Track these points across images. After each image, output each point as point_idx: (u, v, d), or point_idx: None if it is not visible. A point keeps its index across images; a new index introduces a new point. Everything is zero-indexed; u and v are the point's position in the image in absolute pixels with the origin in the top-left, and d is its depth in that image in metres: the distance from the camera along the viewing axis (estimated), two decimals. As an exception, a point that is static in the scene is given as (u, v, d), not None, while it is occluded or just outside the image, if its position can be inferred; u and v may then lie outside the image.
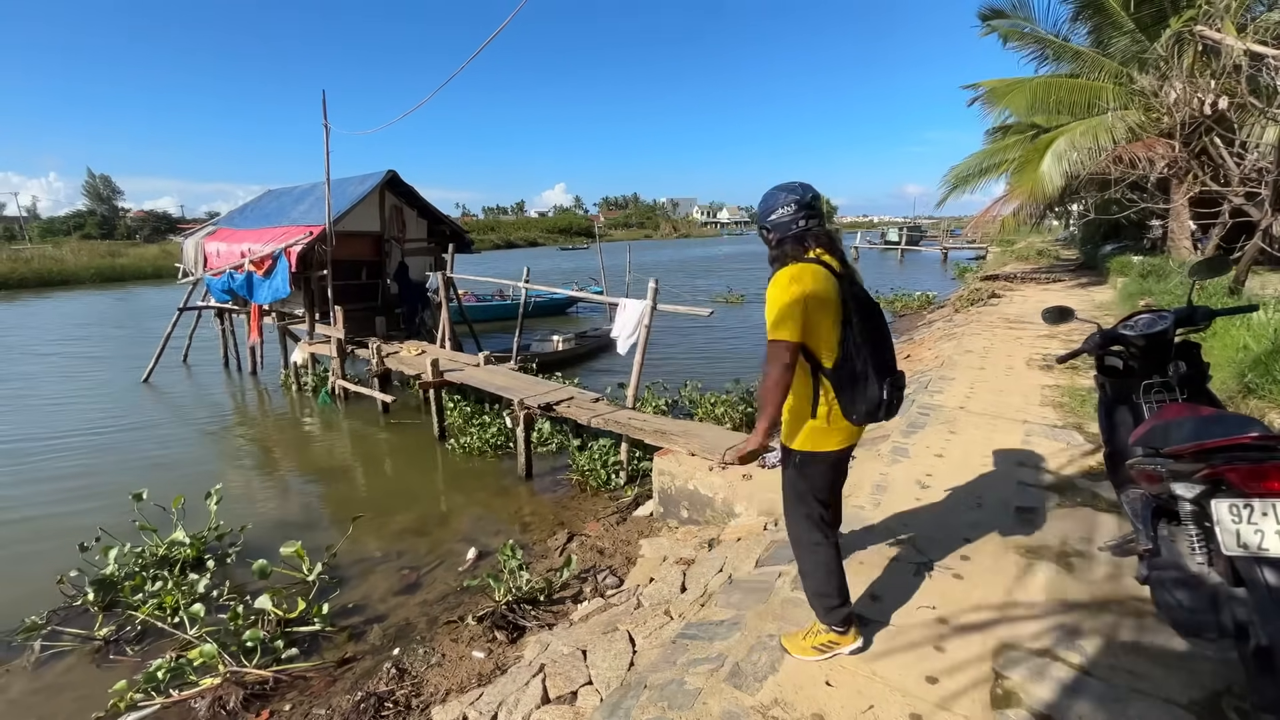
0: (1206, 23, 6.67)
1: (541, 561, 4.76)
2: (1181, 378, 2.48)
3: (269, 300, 10.03)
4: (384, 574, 4.79)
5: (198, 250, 12.07)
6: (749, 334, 15.36)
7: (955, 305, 13.92)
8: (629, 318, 5.68)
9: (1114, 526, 3.12)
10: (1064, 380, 5.98)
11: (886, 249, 45.90)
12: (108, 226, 56.64)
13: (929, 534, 3.19)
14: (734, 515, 4.15)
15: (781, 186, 2.27)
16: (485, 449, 7.16)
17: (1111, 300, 10.76)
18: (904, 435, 4.75)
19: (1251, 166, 7.35)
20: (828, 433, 2.19)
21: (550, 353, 11.79)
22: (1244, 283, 6.83)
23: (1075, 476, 3.79)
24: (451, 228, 12.33)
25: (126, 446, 8.03)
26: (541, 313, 17.08)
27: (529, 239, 74.34)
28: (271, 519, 5.86)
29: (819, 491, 2.28)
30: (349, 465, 7.52)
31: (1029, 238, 30.23)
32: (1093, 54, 11.64)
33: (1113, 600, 2.56)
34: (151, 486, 5.48)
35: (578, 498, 5.95)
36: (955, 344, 8.44)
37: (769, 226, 2.26)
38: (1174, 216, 10.73)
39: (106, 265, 35.23)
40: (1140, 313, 2.68)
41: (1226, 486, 1.80)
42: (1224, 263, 2.84)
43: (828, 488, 2.31)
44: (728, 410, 7.30)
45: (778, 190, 2.27)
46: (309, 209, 10.53)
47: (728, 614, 2.82)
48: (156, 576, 4.46)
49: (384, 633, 4.03)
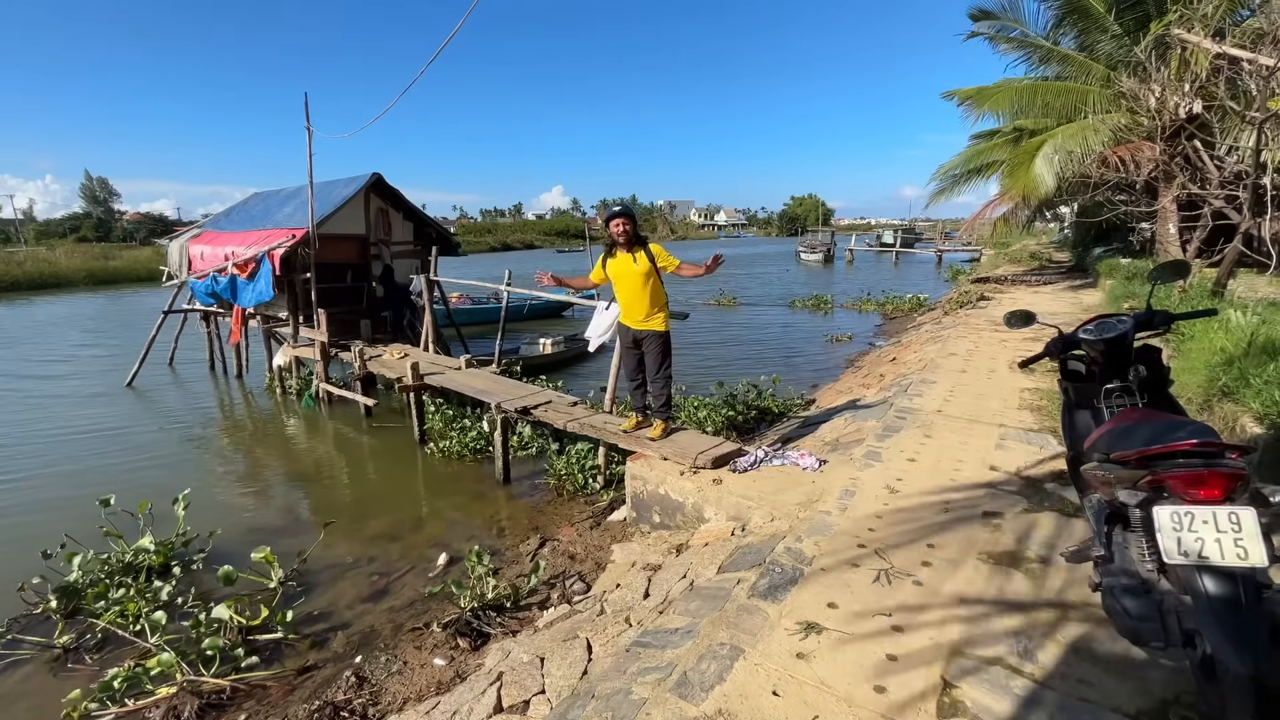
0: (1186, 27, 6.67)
1: (512, 567, 4.71)
2: (1142, 382, 2.45)
3: (252, 303, 9.98)
4: (353, 580, 4.73)
5: (182, 253, 12.00)
6: (741, 336, 15.35)
7: (945, 308, 13.93)
8: (605, 319, 5.65)
9: (1079, 532, 3.08)
10: (1043, 383, 5.95)
11: (882, 251, 45.98)
12: (104, 229, 56.55)
13: (893, 540, 3.15)
14: (703, 520, 4.11)
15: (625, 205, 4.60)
16: (465, 453, 7.11)
17: (1099, 303, 10.76)
18: (879, 439, 4.72)
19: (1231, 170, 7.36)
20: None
21: (536, 356, 11.74)
22: (1225, 286, 6.82)
23: (1044, 481, 3.77)
24: (437, 230, 12.29)
25: (103, 451, 7.95)
26: (538, 315, 17.02)
27: (526, 241, 74.44)
28: (245, 524, 5.80)
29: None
30: (329, 469, 7.46)
31: (1022, 240, 30.32)
32: (1080, 57, 11.67)
33: (1069, 607, 2.52)
34: (126, 492, 5.43)
35: (554, 502, 5.90)
36: (940, 347, 8.42)
37: (638, 221, 4.68)
38: (1161, 219, 10.75)
39: (99, 268, 35.15)
40: (1101, 316, 2.65)
41: (1169, 493, 1.77)
42: (1184, 266, 2.82)
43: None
44: (710, 414, 7.26)
45: (628, 206, 4.63)
46: (293, 212, 10.47)
47: (683, 621, 2.77)
48: (120, 584, 4.40)
49: (347, 640, 3.97)
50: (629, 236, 4.50)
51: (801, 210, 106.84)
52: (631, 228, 4.51)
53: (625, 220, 4.48)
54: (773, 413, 7.93)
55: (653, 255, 4.51)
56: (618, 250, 4.54)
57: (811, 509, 3.60)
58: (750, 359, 12.37)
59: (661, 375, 4.72)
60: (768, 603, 2.68)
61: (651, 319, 4.63)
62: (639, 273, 4.49)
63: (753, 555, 3.21)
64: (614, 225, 4.49)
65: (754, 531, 3.60)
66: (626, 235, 4.49)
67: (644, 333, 4.68)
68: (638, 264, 4.49)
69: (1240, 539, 1.61)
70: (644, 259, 4.49)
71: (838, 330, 15.36)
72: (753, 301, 22.01)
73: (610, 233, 4.54)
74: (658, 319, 4.64)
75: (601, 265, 4.69)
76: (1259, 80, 5.78)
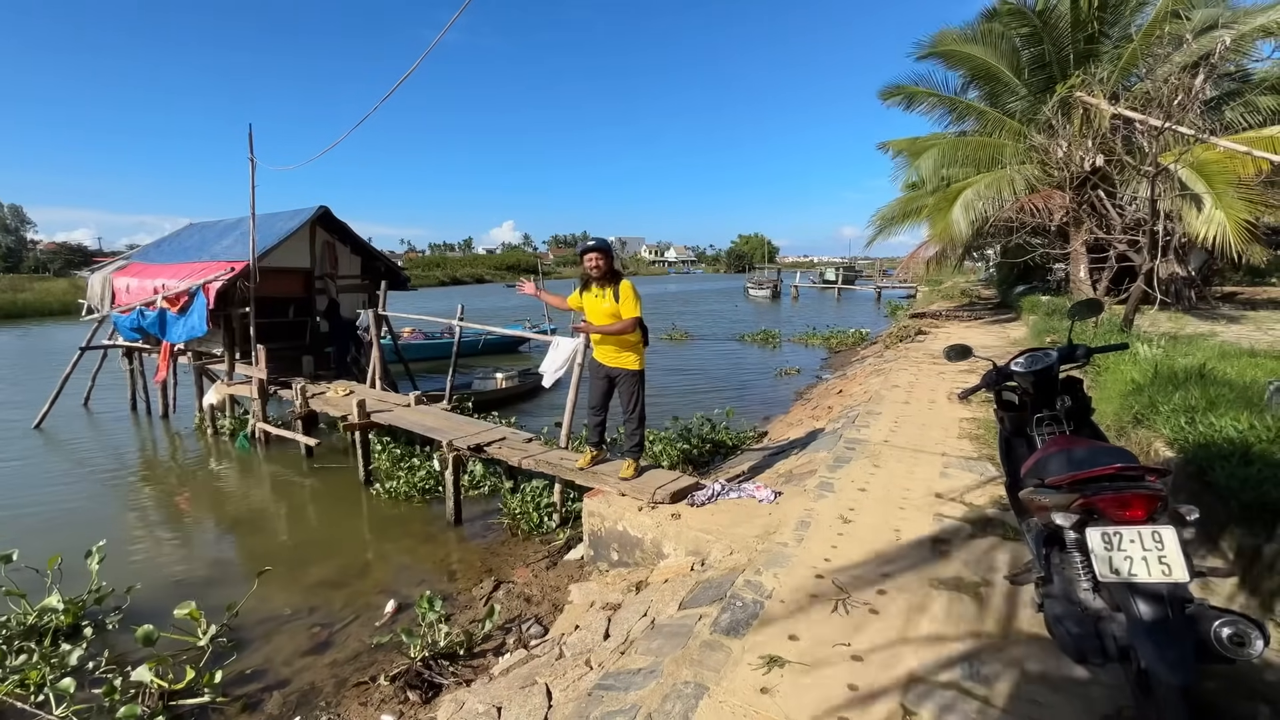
0: (1087, 90, 7.44)
1: (465, 612, 4.52)
2: (1068, 411, 2.64)
3: (184, 339, 9.43)
4: (291, 633, 4.42)
5: (105, 285, 11.27)
6: (693, 370, 15.56)
7: (886, 342, 14.58)
8: (560, 354, 5.64)
9: (1021, 555, 3.23)
10: (980, 413, 6.28)
11: (825, 288, 47.97)
12: (14, 259, 52.57)
13: (848, 569, 3.22)
14: (663, 556, 4.08)
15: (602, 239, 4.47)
16: (413, 493, 6.84)
17: (1025, 337, 11.51)
18: (830, 470, 4.84)
19: (1132, 217, 8.15)
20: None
21: (489, 391, 11.53)
22: (1133, 321, 7.46)
23: (986, 507, 3.94)
24: (386, 264, 12.05)
25: (4, 500, 7.23)
26: (493, 350, 16.76)
27: (476, 275, 73.67)
28: (168, 577, 5.36)
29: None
30: (265, 514, 7.01)
31: (953, 278, 32.27)
32: (994, 113, 12.78)
33: (1017, 629, 2.63)
34: (31, 545, 4.93)
35: (509, 542, 5.73)
36: (883, 379, 8.78)
37: (614, 256, 4.55)
38: (1073, 261, 11.71)
39: (6, 300, 32.54)
40: (1030, 350, 2.84)
41: (1099, 515, 1.90)
42: (1098, 304, 3.08)
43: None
44: (666, 448, 7.28)
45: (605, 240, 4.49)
46: (233, 244, 10.07)
47: (646, 661, 2.73)
48: (21, 649, 3.96)
49: (284, 700, 3.69)
50: (602, 272, 4.39)
51: (748, 248, 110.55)
52: (605, 263, 4.39)
53: (600, 255, 4.37)
54: (727, 445, 8.03)
55: (619, 296, 4.39)
56: (592, 285, 4.46)
57: (769, 541, 3.64)
58: (703, 392, 12.53)
59: (635, 415, 4.65)
60: (730, 638, 2.68)
61: (624, 357, 4.55)
62: (608, 310, 4.41)
63: (713, 590, 3.21)
64: (587, 260, 4.39)
65: (714, 566, 3.60)
66: (600, 270, 4.38)
67: (617, 370, 4.60)
68: (607, 302, 4.40)
69: (1164, 556, 1.74)
70: (611, 297, 4.39)
71: (786, 364, 15.80)
72: (704, 336, 22.42)
73: (584, 267, 4.44)
74: (629, 357, 4.56)
75: (579, 293, 4.62)
76: (1149, 138, 6.49)
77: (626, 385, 4.61)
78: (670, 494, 4.42)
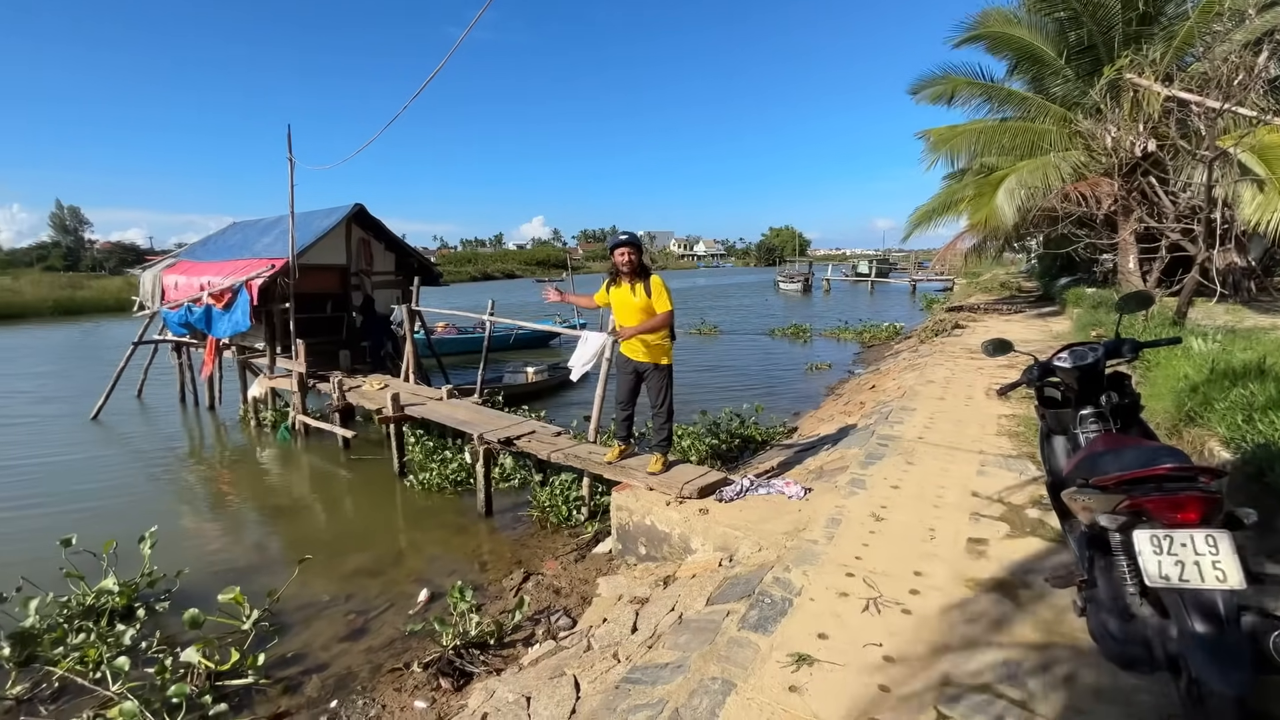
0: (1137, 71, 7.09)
1: (495, 603, 4.59)
2: (1115, 408, 2.52)
3: (228, 334, 9.79)
4: (329, 619, 4.56)
5: (155, 283, 11.79)
6: (722, 365, 15.45)
7: (921, 336, 14.23)
8: (588, 349, 5.66)
9: (1062, 557, 3.12)
10: (1020, 410, 6.08)
11: (857, 281, 47.00)
12: (73, 258, 55.33)
13: (881, 568, 3.16)
14: (690, 551, 4.07)
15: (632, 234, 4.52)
16: (446, 485, 6.98)
17: (1068, 330, 11.10)
18: (862, 467, 4.75)
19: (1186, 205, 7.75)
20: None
21: (519, 385, 11.66)
22: (1186, 314, 7.10)
23: (1025, 507, 3.82)
24: (419, 260, 12.28)
25: (66, 487, 7.63)
26: (524, 345, 16.95)
27: (506, 271, 74.52)
28: (215, 563, 5.58)
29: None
30: (304, 503, 7.25)
31: (992, 270, 31.31)
32: (1038, 99, 12.28)
33: (1056, 633, 2.54)
34: (88, 530, 5.19)
35: (538, 535, 5.80)
36: (918, 375, 8.58)
37: (642, 250, 4.53)
38: (1121, 251, 11.20)
39: (66, 298, 34.24)
40: (1074, 345, 2.73)
41: (1147, 517, 1.82)
42: (1148, 297, 2.94)
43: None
44: (694, 443, 7.26)
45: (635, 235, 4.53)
46: (273, 241, 10.39)
47: (673, 656, 2.72)
48: (80, 628, 4.17)
49: (323, 683, 3.81)
50: (633, 266, 4.36)
51: (779, 241, 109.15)
52: (636, 257, 4.36)
53: (631, 249, 4.34)
54: (756, 441, 7.96)
55: (650, 291, 4.35)
56: (622, 279, 4.43)
57: (798, 538, 3.59)
58: (732, 387, 12.43)
59: (664, 409, 4.62)
60: (758, 635, 2.66)
61: (651, 352, 4.51)
62: (638, 305, 4.37)
63: (741, 586, 3.18)
64: (618, 254, 4.36)
65: (742, 562, 3.58)
66: (631, 265, 4.35)
67: (646, 365, 4.57)
68: (637, 297, 4.37)
69: (1218, 561, 1.65)
70: (643, 292, 4.35)
71: (817, 358, 15.56)
72: (733, 331, 22.24)
73: (614, 261, 4.41)
74: (658, 352, 4.51)
75: (605, 289, 4.61)
76: (1206, 121, 6.15)
77: (655, 380, 4.59)
78: (698, 489, 4.40)
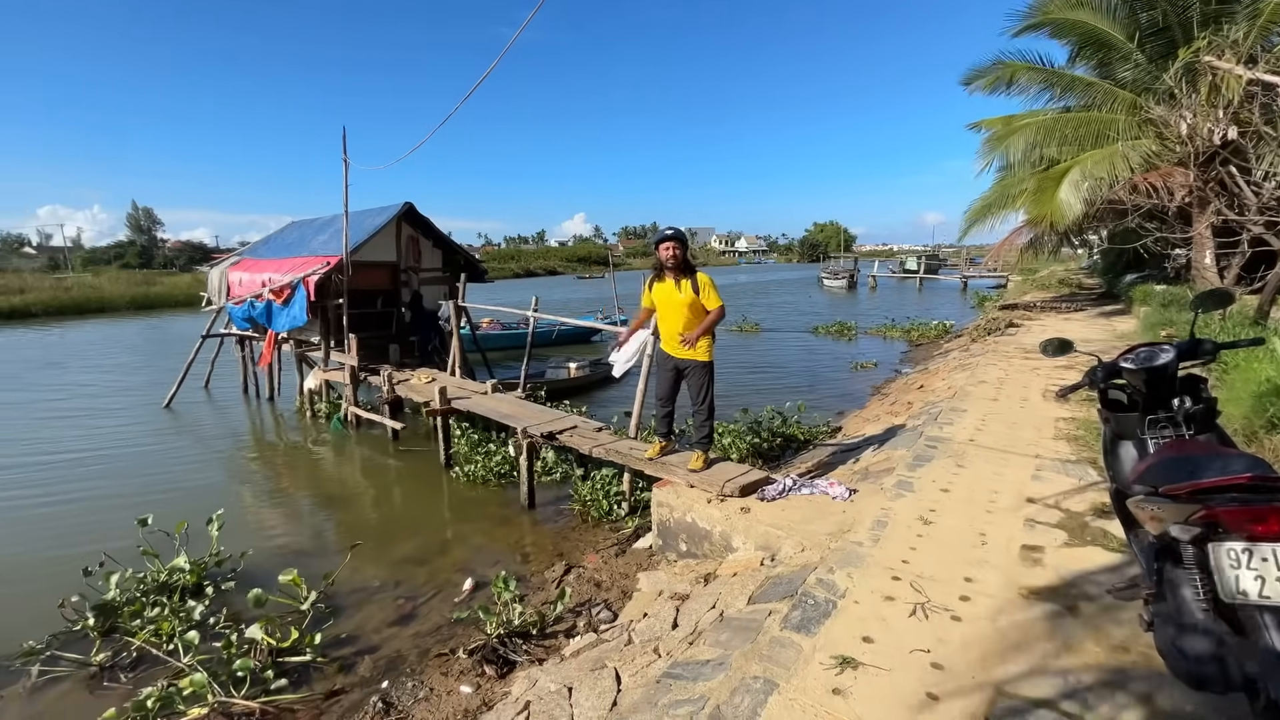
0: (1216, 53, 6.62)
1: (538, 594, 4.68)
2: (1188, 413, 2.39)
3: (286, 328, 10.26)
4: (380, 603, 4.75)
5: (222, 279, 12.44)
6: (764, 362, 15.27)
7: (972, 335, 13.72)
8: (630, 346, 5.69)
9: (1126, 568, 2.97)
10: (1080, 413, 5.80)
11: (905, 278, 45.61)
12: (147, 256, 58.92)
13: (929, 572, 3.07)
14: (731, 549, 4.06)
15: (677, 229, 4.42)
16: (490, 477, 7.15)
17: (1134, 330, 10.51)
18: (910, 469, 4.63)
19: (1270, 195, 7.20)
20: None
21: (561, 380, 11.81)
22: (1268, 313, 6.62)
23: (1086, 514, 3.65)
24: (465, 257, 12.56)
25: (141, 470, 8.18)
26: (566, 341, 17.16)
27: (548, 267, 75.42)
28: (274, 545, 5.88)
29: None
30: (356, 491, 7.55)
31: (1050, 266, 29.87)
32: (1105, 85, 11.62)
33: (1120, 648, 2.43)
34: (162, 510, 5.54)
35: (579, 528, 5.88)
36: (969, 374, 8.28)
37: (688, 246, 4.51)
38: (1196, 246, 10.51)
39: (141, 294, 36.49)
40: (1141, 345, 2.59)
41: (1224, 529, 1.71)
42: (1227, 295, 2.76)
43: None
44: (735, 441, 7.21)
45: (680, 230, 4.44)
46: (328, 240, 10.82)
47: (714, 653, 2.72)
48: (155, 603, 4.47)
49: (374, 664, 3.97)
50: (678, 262, 4.35)
51: (823, 236, 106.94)
52: (681, 253, 4.35)
53: (676, 244, 4.34)
54: (798, 440, 7.85)
55: (698, 287, 4.35)
56: (665, 275, 4.42)
57: (843, 539, 3.53)
58: (774, 385, 12.28)
59: (704, 406, 4.60)
60: (801, 635, 2.63)
61: (694, 348, 4.49)
62: (683, 302, 4.37)
63: (784, 586, 3.15)
64: (663, 249, 4.36)
65: (784, 562, 3.54)
66: (675, 260, 4.34)
67: (686, 362, 4.56)
68: (683, 293, 4.36)
69: (1304, 578, 1.55)
70: (689, 289, 4.35)
71: (862, 357, 15.20)
72: (775, 328, 21.93)
73: (658, 256, 4.40)
74: (701, 348, 4.50)
75: (648, 289, 4.61)
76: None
77: (696, 377, 4.58)
78: (740, 487, 4.37)
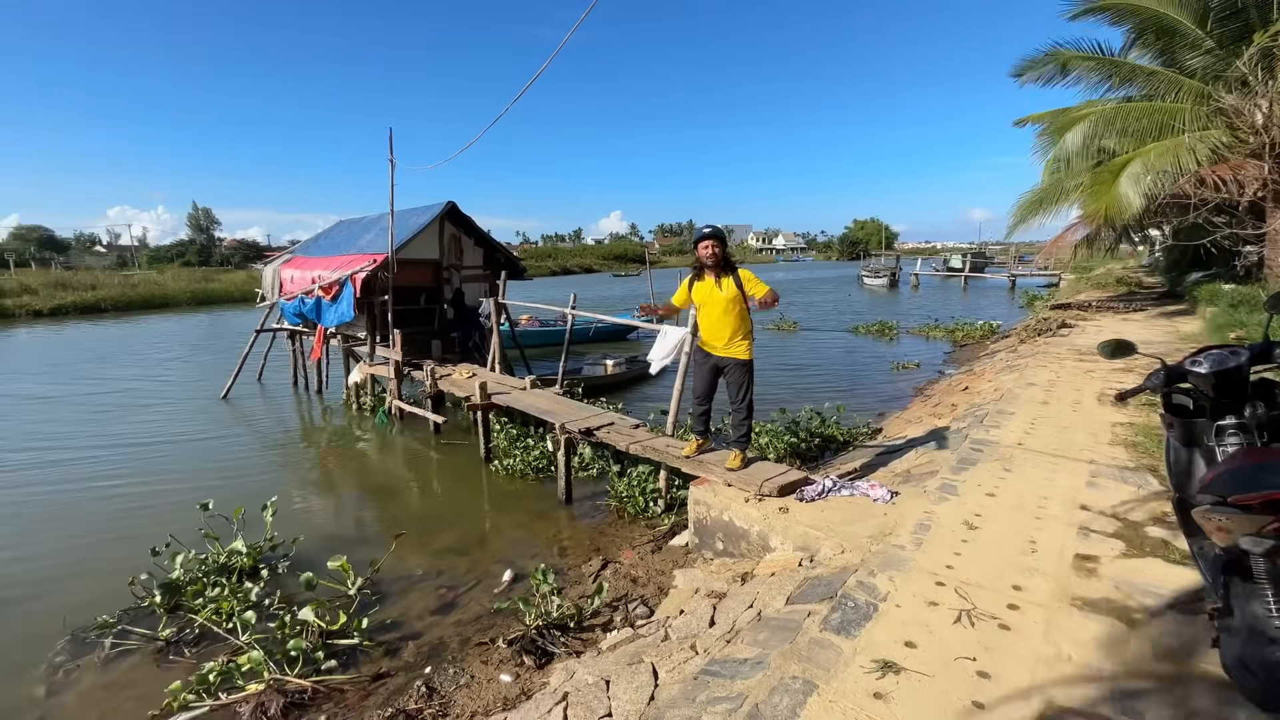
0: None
1: (575, 587, 4.75)
2: (1260, 420, 2.26)
3: (335, 324, 10.64)
4: (422, 591, 4.90)
5: (275, 276, 12.98)
6: (802, 362, 15.06)
7: (1021, 335, 13.22)
8: (667, 343, 5.70)
9: (1188, 581, 2.84)
10: (1138, 418, 5.55)
11: (949, 276, 44.21)
12: (205, 254, 61.92)
13: (974, 579, 3.00)
14: (769, 549, 4.03)
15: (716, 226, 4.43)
16: (528, 471, 7.27)
17: (1199, 331, 9.95)
18: (954, 472, 4.51)
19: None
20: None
21: (599, 377, 11.91)
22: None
23: (1145, 524, 3.49)
24: (506, 256, 12.78)
25: (201, 458, 8.62)
26: (603, 338, 17.28)
27: (585, 265, 75.95)
28: (323, 532, 6.12)
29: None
30: (399, 482, 7.79)
31: (1106, 264, 28.53)
32: (1169, 74, 11.01)
33: (1182, 664, 2.32)
34: (220, 496, 5.84)
35: (615, 524, 5.93)
36: (1017, 376, 7.99)
37: (728, 245, 4.53)
38: (1270, 243, 9.88)
39: (200, 289, 38.41)
40: (1210, 348, 2.47)
41: (1300, 542, 1.63)
42: (1308, 294, 2.59)
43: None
44: (772, 440, 7.14)
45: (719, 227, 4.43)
46: (375, 238, 11.17)
47: (752, 652, 2.72)
48: (216, 583, 4.73)
49: (418, 650, 4.10)
50: (718, 260, 4.37)
51: (863, 234, 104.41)
52: (721, 251, 4.37)
53: (716, 242, 4.36)
54: (838, 441, 7.72)
55: (741, 281, 4.36)
56: (705, 273, 4.43)
57: (884, 542, 3.47)
58: (812, 385, 12.10)
59: (743, 405, 4.58)
60: (840, 638, 2.60)
61: (734, 346, 4.48)
62: (725, 299, 4.36)
63: (823, 588, 3.12)
64: (703, 248, 4.38)
65: (823, 563, 3.51)
66: (716, 258, 4.36)
67: (726, 360, 4.54)
68: (724, 290, 4.36)
69: (1391, 597, 1.46)
70: (731, 285, 4.35)
71: (904, 357, 14.82)
72: (814, 326, 21.58)
73: (698, 255, 4.42)
74: (741, 346, 4.48)
75: (686, 287, 4.61)
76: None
77: (735, 375, 4.56)
78: (778, 487, 4.34)
